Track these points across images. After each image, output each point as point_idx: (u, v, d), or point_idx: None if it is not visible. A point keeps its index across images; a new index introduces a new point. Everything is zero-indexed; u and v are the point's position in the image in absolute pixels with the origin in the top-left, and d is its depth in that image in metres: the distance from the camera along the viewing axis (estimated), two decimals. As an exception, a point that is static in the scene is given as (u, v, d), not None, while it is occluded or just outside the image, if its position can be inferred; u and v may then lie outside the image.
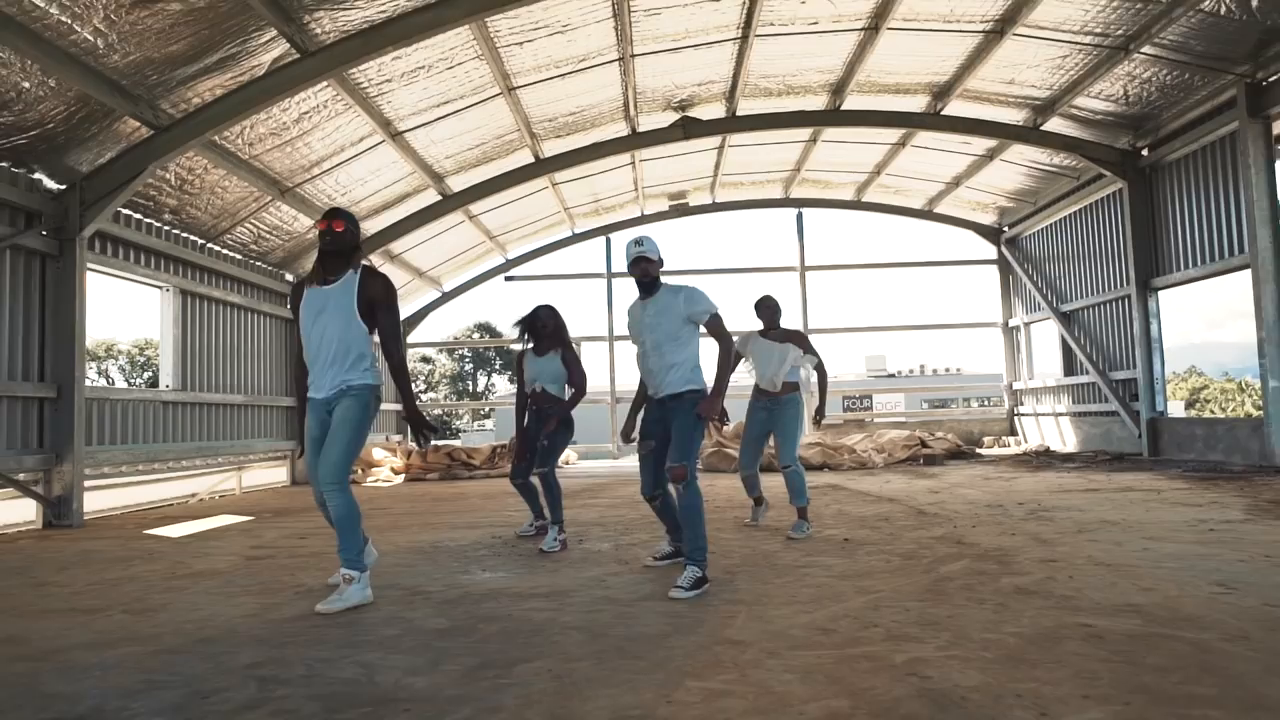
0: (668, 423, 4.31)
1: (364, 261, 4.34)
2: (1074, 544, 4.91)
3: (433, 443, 14.66)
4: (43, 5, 5.93)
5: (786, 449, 5.84)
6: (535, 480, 5.70)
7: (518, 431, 5.82)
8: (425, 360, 52.75)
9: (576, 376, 5.72)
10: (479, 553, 5.38)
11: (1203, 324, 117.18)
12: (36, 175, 7.50)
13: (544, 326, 5.69)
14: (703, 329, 4.34)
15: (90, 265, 8.08)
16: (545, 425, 5.59)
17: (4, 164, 7.17)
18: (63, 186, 7.69)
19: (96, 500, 8.39)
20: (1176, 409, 50.65)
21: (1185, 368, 58.75)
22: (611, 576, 4.41)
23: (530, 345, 5.82)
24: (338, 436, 3.86)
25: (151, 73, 7.17)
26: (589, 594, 3.98)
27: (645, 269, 4.35)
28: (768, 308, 6.07)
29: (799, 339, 6.00)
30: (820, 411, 6.38)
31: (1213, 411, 52.07)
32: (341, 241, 3.97)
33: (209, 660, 3.01)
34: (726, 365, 4.44)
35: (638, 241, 4.39)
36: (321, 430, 3.95)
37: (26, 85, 6.55)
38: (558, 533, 5.41)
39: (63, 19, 6.12)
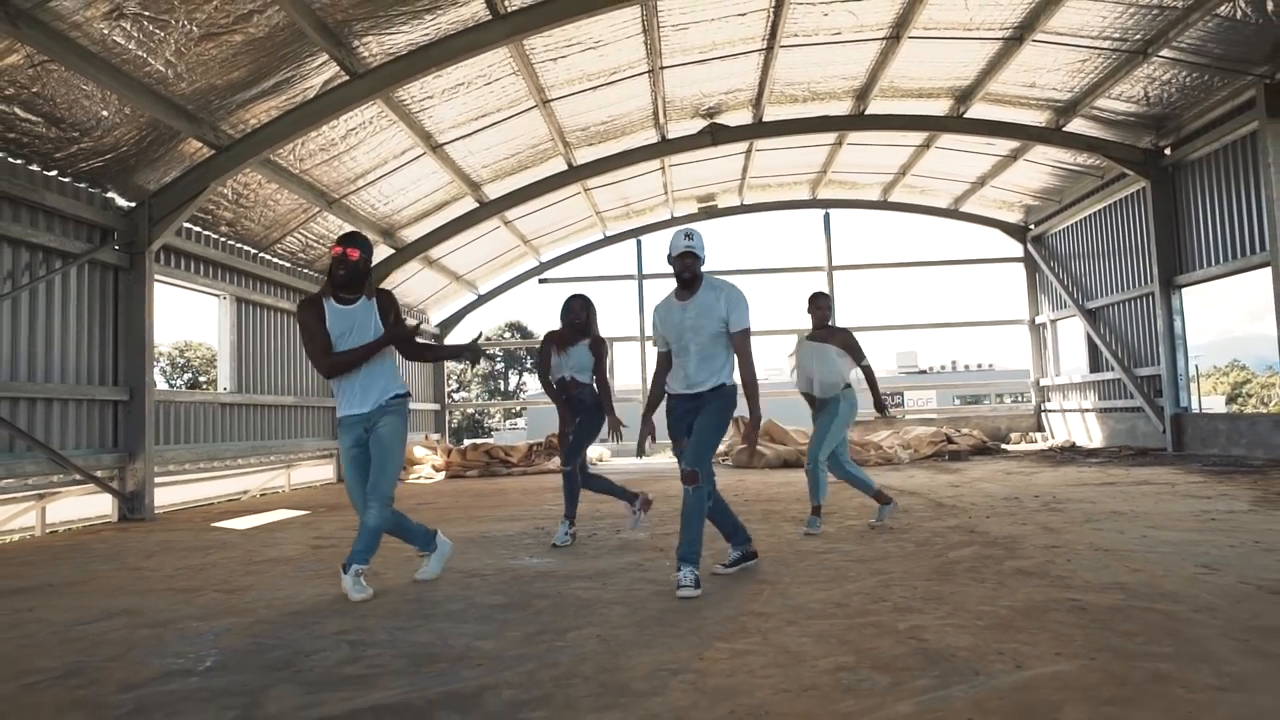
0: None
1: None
2: (1078, 532, 5.26)
3: (472, 442, 15.07)
4: (122, 42, 6.49)
5: (814, 446, 5.85)
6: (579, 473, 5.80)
7: (561, 418, 5.69)
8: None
9: (600, 369, 5.69)
10: (525, 542, 5.85)
11: (1245, 316, 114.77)
12: (110, 194, 8.10)
13: (575, 317, 5.70)
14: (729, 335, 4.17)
15: (157, 276, 8.68)
16: (574, 413, 5.64)
17: (83, 185, 7.77)
18: (133, 204, 8.29)
19: (160, 496, 8.97)
20: (1218, 404, 49.97)
21: (1227, 361, 57.68)
22: (649, 562, 4.84)
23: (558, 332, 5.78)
24: (390, 458, 4.12)
25: (214, 98, 7.73)
26: (629, 576, 4.42)
27: (690, 264, 4.21)
28: (819, 307, 5.96)
29: (841, 338, 5.88)
30: (879, 405, 6.01)
31: (1254, 406, 51.24)
32: (356, 271, 4.16)
33: (302, 628, 3.49)
34: (754, 385, 4.24)
35: (688, 235, 4.25)
36: (358, 449, 4.15)
37: (105, 114, 7.13)
38: (568, 527, 5.62)
39: (139, 53, 6.68)
